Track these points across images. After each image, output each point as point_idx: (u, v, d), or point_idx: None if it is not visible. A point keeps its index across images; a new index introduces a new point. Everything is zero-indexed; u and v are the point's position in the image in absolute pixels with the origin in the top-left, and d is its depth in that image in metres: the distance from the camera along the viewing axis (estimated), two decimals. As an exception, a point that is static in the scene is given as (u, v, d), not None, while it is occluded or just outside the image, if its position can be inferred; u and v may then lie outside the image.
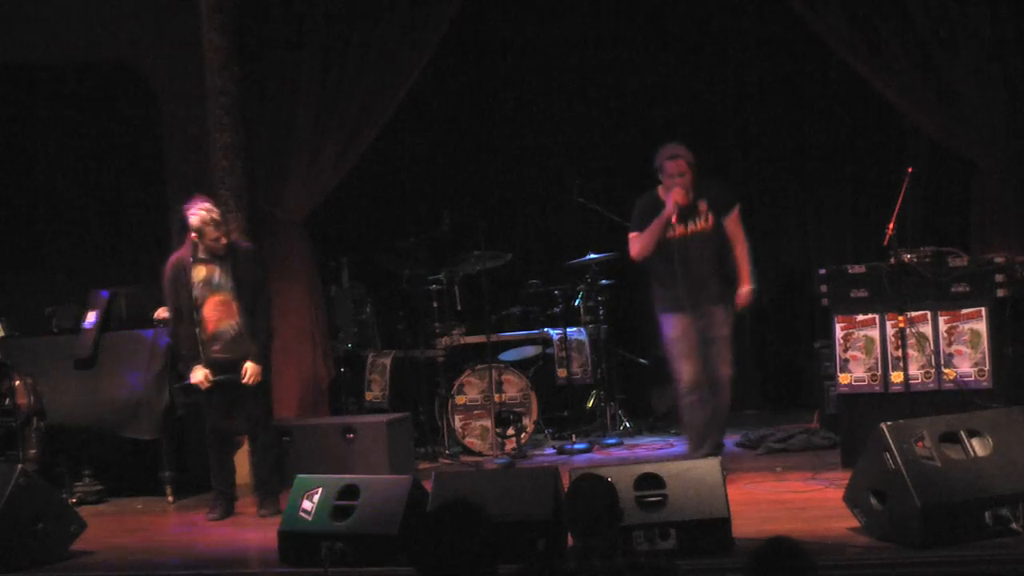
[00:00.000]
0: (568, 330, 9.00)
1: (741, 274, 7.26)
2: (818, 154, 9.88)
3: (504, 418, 8.56)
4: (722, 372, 7.22)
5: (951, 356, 7.00)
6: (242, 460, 7.65)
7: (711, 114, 9.95)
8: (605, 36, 10.07)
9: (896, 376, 7.05)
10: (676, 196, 7.09)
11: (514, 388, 8.62)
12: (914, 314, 7.00)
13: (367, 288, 9.59)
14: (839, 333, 7.23)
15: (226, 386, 7.09)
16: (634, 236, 7.29)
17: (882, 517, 5.47)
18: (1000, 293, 7.00)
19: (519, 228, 10.13)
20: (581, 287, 9.13)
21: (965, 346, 6.99)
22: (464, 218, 8.86)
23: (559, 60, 10.17)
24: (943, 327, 7.02)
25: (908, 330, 6.94)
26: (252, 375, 7.04)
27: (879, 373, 7.13)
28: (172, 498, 7.79)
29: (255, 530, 6.78)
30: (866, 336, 7.16)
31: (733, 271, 7.27)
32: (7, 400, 7.63)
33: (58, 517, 6.34)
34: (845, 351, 7.21)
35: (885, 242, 6.81)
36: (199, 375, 7.06)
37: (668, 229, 7.16)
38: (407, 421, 8.25)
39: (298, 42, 8.50)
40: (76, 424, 7.89)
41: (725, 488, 5.57)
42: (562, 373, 8.95)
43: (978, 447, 5.50)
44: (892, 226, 6.71)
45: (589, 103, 10.18)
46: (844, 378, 7.23)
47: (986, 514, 5.29)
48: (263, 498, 7.18)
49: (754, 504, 6.43)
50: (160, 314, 7.75)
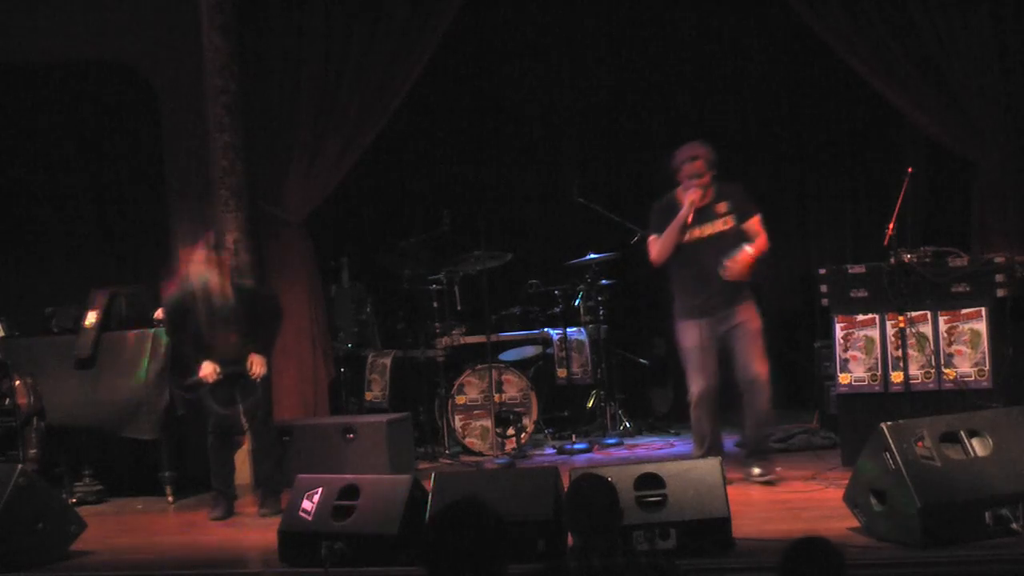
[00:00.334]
0: (568, 330, 9.00)
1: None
2: (818, 154, 9.88)
3: (504, 418, 8.56)
4: (757, 370, 6.82)
5: (951, 356, 7.00)
6: (242, 460, 7.65)
7: (711, 114, 9.93)
8: (606, 36, 10.09)
9: (896, 376, 7.05)
10: (692, 196, 6.83)
11: (514, 388, 8.61)
12: (914, 314, 7.00)
13: (367, 288, 9.60)
14: (839, 333, 7.23)
15: (231, 378, 7.14)
16: (653, 239, 7.01)
17: (882, 517, 5.47)
18: (1000, 293, 7.00)
19: (519, 228, 10.11)
20: (581, 287, 9.13)
21: (965, 346, 6.99)
22: (464, 218, 8.86)
23: (559, 60, 10.18)
24: (943, 327, 7.02)
25: (908, 330, 6.94)
26: (258, 364, 7.10)
27: (879, 373, 7.13)
28: (172, 498, 7.78)
29: (255, 530, 6.78)
30: (866, 336, 7.16)
31: (754, 274, 6.94)
32: (7, 400, 7.62)
33: (58, 517, 6.34)
34: (845, 351, 7.21)
35: (885, 242, 6.82)
36: (208, 368, 7.10)
37: (685, 232, 6.88)
38: (407, 421, 8.24)
39: (298, 42, 8.50)
40: (76, 424, 7.88)
41: (725, 488, 5.57)
42: (562, 373, 8.95)
43: (978, 447, 5.50)
44: (892, 226, 6.72)
45: (589, 103, 10.18)
46: (844, 378, 7.23)
47: (986, 514, 5.29)
48: (264, 498, 7.20)
49: (754, 504, 6.43)
50: (160, 314, 7.76)
